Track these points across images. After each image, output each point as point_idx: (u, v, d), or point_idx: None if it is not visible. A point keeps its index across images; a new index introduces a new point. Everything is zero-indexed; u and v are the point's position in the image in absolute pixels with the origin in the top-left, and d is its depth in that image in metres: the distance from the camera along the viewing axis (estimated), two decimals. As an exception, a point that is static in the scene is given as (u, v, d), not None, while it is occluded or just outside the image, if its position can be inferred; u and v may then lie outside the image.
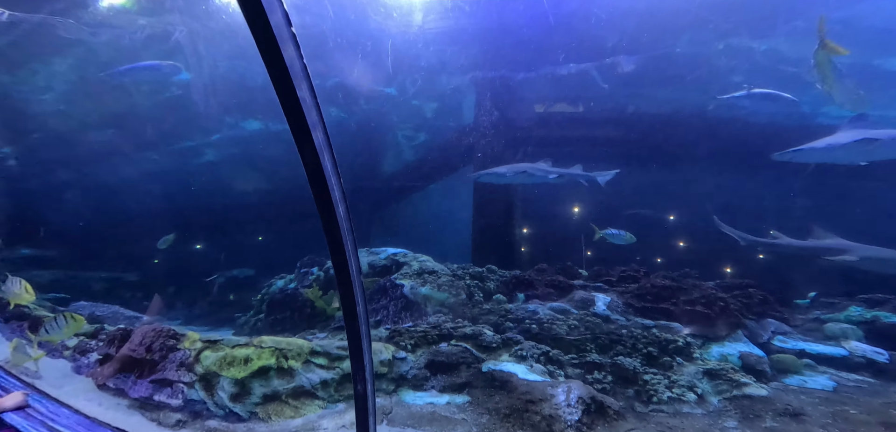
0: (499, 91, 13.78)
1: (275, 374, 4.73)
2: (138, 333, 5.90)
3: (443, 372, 5.56)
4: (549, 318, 6.99)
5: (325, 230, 2.15)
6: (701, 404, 5.38)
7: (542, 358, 5.88)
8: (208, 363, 4.97)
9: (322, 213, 2.10)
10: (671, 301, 7.33)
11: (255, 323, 8.49)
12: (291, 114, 1.88)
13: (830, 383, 6.13)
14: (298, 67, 1.84)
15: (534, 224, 15.13)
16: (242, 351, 4.85)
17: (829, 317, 7.69)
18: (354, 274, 2.30)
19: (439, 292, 7.06)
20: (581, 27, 11.72)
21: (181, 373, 5.16)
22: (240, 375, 4.78)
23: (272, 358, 4.76)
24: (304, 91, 1.90)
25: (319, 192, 2.04)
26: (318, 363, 4.84)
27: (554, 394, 4.78)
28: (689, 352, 6.32)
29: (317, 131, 1.92)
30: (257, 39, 1.77)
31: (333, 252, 2.20)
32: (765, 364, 6.26)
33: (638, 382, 5.73)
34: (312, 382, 4.73)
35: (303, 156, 1.98)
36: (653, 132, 14.27)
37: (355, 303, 2.34)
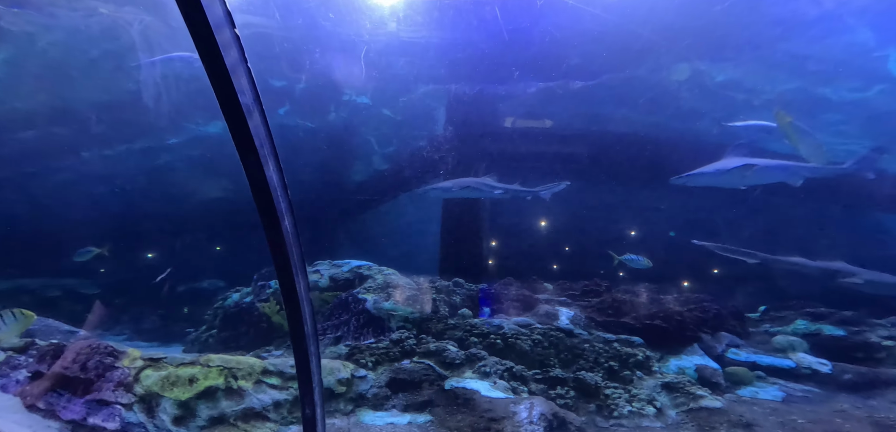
0: (469, 104, 13.90)
1: (223, 395, 4.43)
2: (72, 349, 5.43)
3: (405, 391, 5.39)
4: (513, 333, 6.96)
5: (270, 245, 1.99)
6: (659, 417, 5.46)
7: (506, 374, 5.82)
8: (149, 383, 4.60)
9: (267, 227, 1.94)
10: (631, 315, 7.47)
11: (206, 338, 8.01)
12: (233, 121, 1.74)
13: (780, 393, 6.39)
14: (242, 73, 1.71)
15: (502, 237, 15.23)
16: (187, 370, 4.52)
17: (777, 330, 8.08)
18: (302, 292, 2.15)
19: (403, 307, 6.90)
20: (547, 47, 12.01)
21: (119, 394, 4.76)
22: (184, 396, 4.44)
23: (220, 377, 4.45)
24: (247, 98, 1.77)
25: (264, 205, 1.89)
26: (270, 383, 4.58)
27: (516, 412, 4.72)
28: (649, 366, 6.43)
29: (261, 139, 1.78)
30: (196, 41, 1.63)
31: (279, 269, 2.05)
32: (719, 376, 6.46)
33: (599, 397, 5.76)
34: (264, 403, 4.46)
35: (245, 167, 1.83)
36: (614, 150, 14.74)
37: (303, 323, 2.18)
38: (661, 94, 13.42)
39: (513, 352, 6.58)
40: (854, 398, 6.32)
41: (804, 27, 10.18)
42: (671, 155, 13.13)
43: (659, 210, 15.14)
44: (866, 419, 5.64)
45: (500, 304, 8.16)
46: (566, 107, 14.13)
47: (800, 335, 7.68)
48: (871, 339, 7.32)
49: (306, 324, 2.21)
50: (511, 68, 12.88)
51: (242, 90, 1.68)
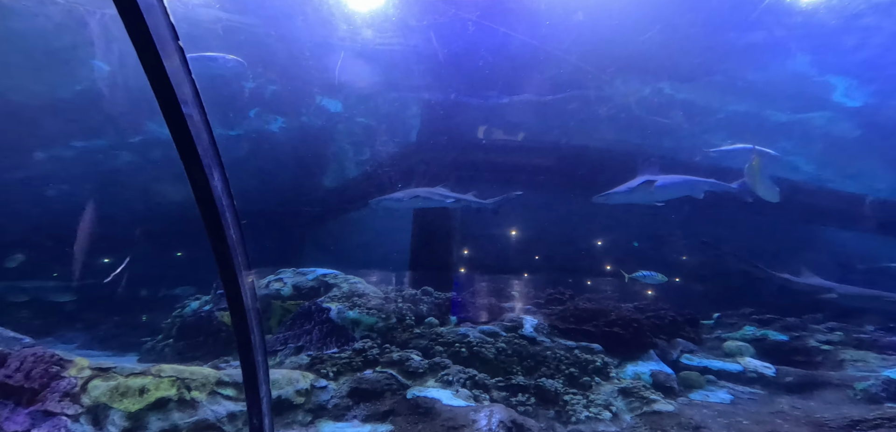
0: (443, 114, 14.03)
1: (175, 406, 4.30)
2: (16, 358, 5.15)
3: (366, 401, 5.38)
4: (478, 341, 7.06)
5: (215, 255, 2.00)
6: (615, 422, 5.66)
7: (469, 382, 5.90)
8: (97, 393, 4.42)
9: (212, 236, 1.96)
10: (592, 322, 7.71)
11: (162, 348, 7.72)
12: (176, 130, 1.75)
13: (728, 396, 6.73)
14: (184, 81, 1.73)
15: (472, 246, 15.39)
16: (138, 380, 4.37)
17: (728, 336, 8.51)
18: (248, 301, 2.16)
19: (368, 316, 6.88)
20: (521, 61, 12.31)
21: (65, 405, 4.55)
22: (134, 408, 4.29)
23: (172, 388, 4.33)
24: (190, 107, 1.79)
25: (208, 215, 1.90)
26: (225, 394, 4.48)
27: (476, 420, 4.79)
28: (607, 372, 6.65)
29: (204, 148, 1.80)
30: (138, 50, 1.64)
31: (225, 279, 2.06)
32: (673, 381, 6.74)
33: (559, 403, 5.92)
34: (218, 415, 4.36)
35: (190, 176, 1.84)
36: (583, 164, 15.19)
37: (250, 332, 2.19)
38: (623, 110, 13.98)
39: (477, 361, 6.67)
40: (794, 399, 6.73)
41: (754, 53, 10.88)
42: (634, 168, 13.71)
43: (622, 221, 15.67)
44: (803, 419, 6.02)
45: (468, 313, 8.25)
46: (535, 120, 14.50)
47: (748, 340, 8.12)
48: (810, 344, 7.83)
49: (253, 334, 2.22)
50: (484, 80, 13.13)
51: (186, 100, 1.70)
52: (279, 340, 7.04)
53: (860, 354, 7.48)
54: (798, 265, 9.54)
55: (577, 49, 11.64)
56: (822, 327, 8.29)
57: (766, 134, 13.25)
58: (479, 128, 14.83)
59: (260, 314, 2.31)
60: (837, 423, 5.72)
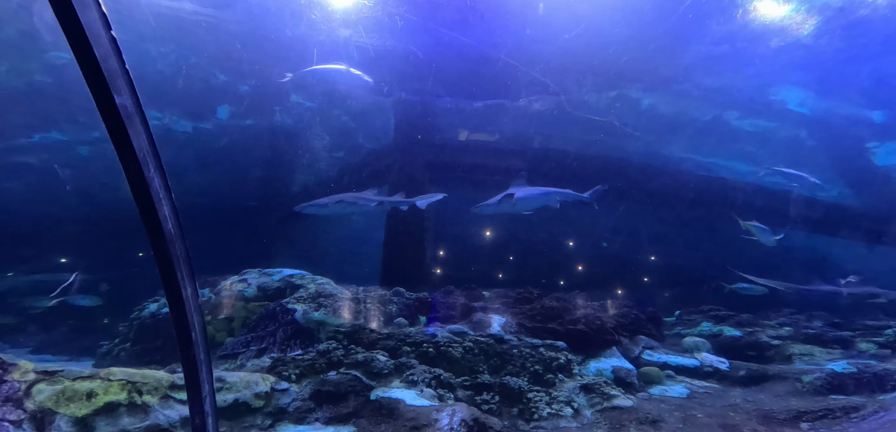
0: (418, 115, 14.03)
1: (125, 411, 4.16)
2: (-51, 367, 4.84)
3: (329, 403, 5.33)
4: (446, 341, 7.09)
5: (152, 249, 1.96)
6: (576, 418, 5.79)
7: (434, 381, 5.92)
8: (42, 398, 4.22)
9: (149, 230, 1.92)
10: (558, 321, 7.87)
11: (119, 352, 7.43)
12: (112, 126, 1.71)
13: (686, 390, 6.99)
14: (116, 70, 1.69)
15: (444, 246, 15.44)
16: (85, 384, 4.19)
17: (687, 332, 8.84)
18: (189, 297, 2.12)
19: (334, 317, 6.82)
20: (498, 64, 12.45)
21: (7, 410, 4.33)
22: (81, 413, 4.12)
23: (122, 392, 4.18)
24: (125, 99, 1.75)
25: (144, 207, 1.86)
26: (179, 398, 4.35)
27: (438, 419, 4.82)
28: (570, 369, 6.80)
29: (139, 138, 1.76)
30: (69, 38, 1.60)
31: (164, 274, 2.02)
32: (633, 376, 6.95)
33: (523, 400, 6.01)
34: (171, 420, 4.23)
35: (125, 169, 1.80)
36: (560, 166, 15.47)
37: (191, 328, 2.15)
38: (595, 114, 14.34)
39: (444, 360, 6.70)
40: (746, 392, 7.05)
41: (714, 62, 11.35)
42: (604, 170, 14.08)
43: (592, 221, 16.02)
44: (754, 411, 6.32)
45: (438, 313, 8.28)
46: (508, 122, 14.69)
47: (705, 336, 8.46)
48: (761, 339, 8.22)
49: (194, 330, 2.18)
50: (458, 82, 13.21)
51: (119, 90, 1.67)
52: (241, 343, 6.89)
53: (807, 348, 7.90)
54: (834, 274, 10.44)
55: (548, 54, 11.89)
56: (773, 322, 8.72)
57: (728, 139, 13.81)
58: (452, 129, 14.93)
59: (201, 309, 2.27)
60: (785, 415, 6.03)
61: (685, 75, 12.14)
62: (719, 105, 13.12)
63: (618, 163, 14.70)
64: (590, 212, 16.52)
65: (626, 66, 12.08)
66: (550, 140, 15.31)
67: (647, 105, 13.41)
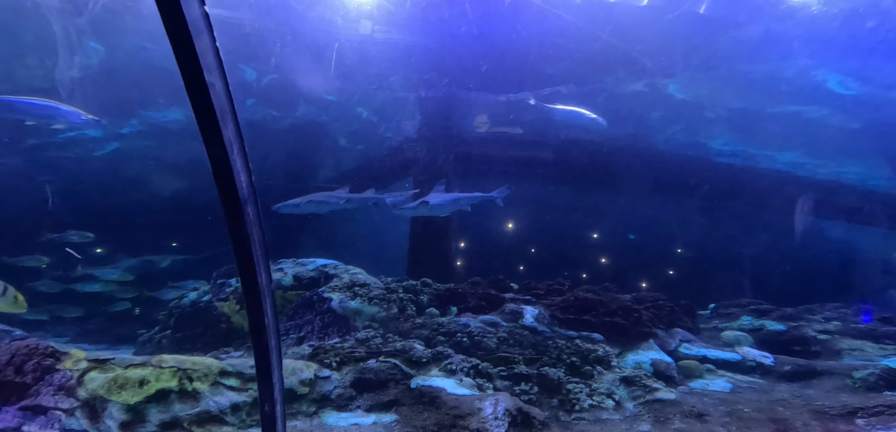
0: (441, 108, 13.91)
1: (176, 398, 4.21)
2: (7, 350, 4.99)
3: (370, 391, 5.32)
4: (480, 331, 7.03)
5: (230, 233, 1.91)
6: (618, 410, 5.66)
7: (472, 371, 5.87)
8: (94, 386, 4.31)
9: (228, 215, 1.87)
10: (592, 313, 7.72)
11: (160, 340, 7.59)
12: (197, 100, 1.65)
13: (728, 385, 6.78)
14: (209, 51, 1.63)
15: (470, 238, 15.36)
16: (137, 371, 4.26)
17: (725, 326, 8.57)
18: (263, 283, 2.08)
19: (370, 306, 6.82)
20: (521, 57, 12.24)
21: (59, 399, 4.42)
22: (133, 400, 4.19)
23: (173, 379, 4.23)
24: (213, 76, 1.69)
25: (226, 191, 1.81)
26: (228, 385, 4.39)
27: (481, 408, 4.76)
28: (608, 361, 6.66)
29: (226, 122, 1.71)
30: (163, 15, 1.54)
31: (240, 259, 1.97)
32: (673, 370, 6.77)
33: (562, 391, 5.91)
34: (221, 406, 4.27)
35: (209, 151, 1.75)
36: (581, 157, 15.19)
37: (264, 315, 2.11)
38: (622, 105, 13.98)
39: (479, 350, 6.65)
40: (793, 387, 6.80)
41: (751, 49, 10.89)
42: (632, 162, 13.77)
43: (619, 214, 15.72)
44: (803, 406, 6.08)
45: (468, 303, 8.21)
46: (532, 114, 14.45)
47: (746, 330, 8.19)
48: (808, 333, 7.91)
49: (267, 317, 2.14)
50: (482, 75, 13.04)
51: (210, 69, 1.61)
52: (280, 330, 6.94)
53: (857, 344, 7.57)
54: None
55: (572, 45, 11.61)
56: (819, 316, 8.39)
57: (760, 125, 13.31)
58: (476, 121, 14.77)
59: (274, 297, 2.23)
60: (838, 411, 5.78)
61: (718, 61, 11.70)
62: (756, 91, 12.62)
63: (645, 155, 14.34)
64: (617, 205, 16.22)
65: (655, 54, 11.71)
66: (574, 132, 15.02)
67: (677, 94, 13.00)
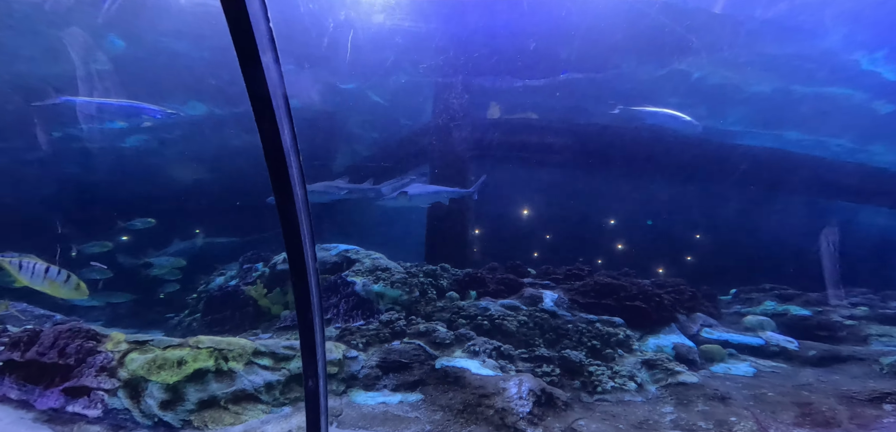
0: (457, 96, 13.86)
1: (213, 377, 4.38)
2: (50, 334, 5.22)
3: (395, 371, 5.45)
4: (500, 315, 7.09)
5: (279, 212, 1.99)
6: (640, 392, 5.69)
7: (494, 353, 5.95)
8: (134, 367, 4.50)
9: (278, 194, 1.94)
10: (613, 297, 7.71)
11: (189, 323, 7.84)
12: (252, 81, 1.69)
13: (751, 369, 6.74)
14: (264, 30, 1.67)
15: (486, 224, 15.38)
16: (176, 352, 4.44)
17: (747, 311, 8.49)
18: (310, 261, 2.15)
19: (392, 290, 6.93)
20: (536, 43, 12.09)
21: (101, 379, 4.62)
22: (172, 380, 4.37)
23: (210, 359, 4.39)
24: (268, 57, 1.73)
25: (276, 170, 1.88)
26: (262, 364, 4.55)
27: (506, 388, 4.84)
28: (629, 345, 6.68)
29: (278, 102, 1.77)
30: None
31: (289, 237, 2.05)
32: (695, 354, 6.76)
33: (583, 374, 5.96)
34: (255, 385, 4.43)
35: (261, 130, 1.80)
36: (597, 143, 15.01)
37: (310, 293, 2.19)
38: (641, 90, 13.74)
39: (499, 333, 6.72)
40: (818, 372, 6.73)
41: (781, 31, 10.55)
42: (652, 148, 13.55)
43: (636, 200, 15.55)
44: (829, 391, 6.03)
45: (487, 288, 8.27)
46: (550, 101, 14.30)
47: (769, 315, 8.10)
48: (833, 319, 7.79)
49: (312, 295, 2.22)
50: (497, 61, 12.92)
51: (265, 50, 1.66)
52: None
53: (886, 329, 7.44)
54: None
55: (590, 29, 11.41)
56: (846, 302, 8.25)
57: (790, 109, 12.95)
58: (491, 108, 14.69)
59: (318, 276, 2.31)
60: (865, 396, 5.72)
61: (743, 43, 11.38)
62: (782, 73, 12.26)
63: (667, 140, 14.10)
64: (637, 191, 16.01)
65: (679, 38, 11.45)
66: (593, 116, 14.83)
67: (699, 78, 12.70)
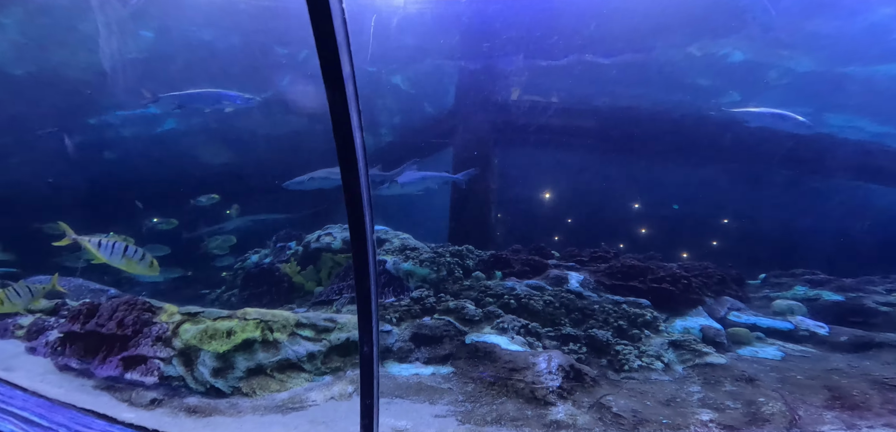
0: (480, 78, 13.83)
1: (259, 347, 4.66)
2: (108, 307, 5.61)
3: (427, 345, 5.66)
4: (526, 294, 7.23)
5: (344, 184, 2.16)
6: (667, 372, 5.78)
7: (522, 330, 6.10)
8: (188, 336, 4.82)
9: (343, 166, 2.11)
10: (639, 279, 7.75)
11: (228, 298, 8.24)
12: (325, 57, 1.82)
13: (779, 353, 6.72)
14: (341, 28, 1.81)
15: (508, 207, 15.45)
16: (225, 323, 4.73)
17: (777, 295, 8.39)
18: (369, 231, 2.32)
19: (421, 268, 7.14)
20: (562, 23, 11.93)
21: (157, 349, 4.96)
22: (222, 349, 4.67)
23: (257, 330, 4.68)
24: (340, 37, 1.86)
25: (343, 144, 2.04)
26: (304, 335, 4.81)
27: (535, 362, 5.00)
28: (656, 326, 6.74)
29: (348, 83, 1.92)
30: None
31: (351, 207, 2.22)
32: (722, 336, 6.77)
33: (610, 352, 6.07)
34: (298, 355, 4.70)
35: (331, 103, 1.94)
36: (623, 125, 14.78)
37: (368, 261, 2.37)
38: (675, 72, 13.42)
39: (526, 312, 6.87)
40: (849, 358, 6.66)
41: (823, 7, 10.12)
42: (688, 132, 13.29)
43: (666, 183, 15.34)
44: (861, 376, 5.98)
45: (512, 268, 8.41)
46: (578, 83, 14.12)
47: (799, 300, 8.00)
48: (868, 304, 7.65)
49: (370, 265, 2.39)
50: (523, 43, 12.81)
51: (339, 29, 1.80)
52: (334, 290, 7.40)
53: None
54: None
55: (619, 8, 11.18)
56: (881, 288, 8.07)
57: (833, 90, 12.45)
58: (515, 91, 14.59)
59: (375, 247, 2.48)
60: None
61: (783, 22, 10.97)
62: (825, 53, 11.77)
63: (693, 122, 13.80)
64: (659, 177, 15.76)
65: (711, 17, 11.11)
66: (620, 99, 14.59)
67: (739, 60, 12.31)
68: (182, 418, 4.29)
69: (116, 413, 4.24)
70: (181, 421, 4.23)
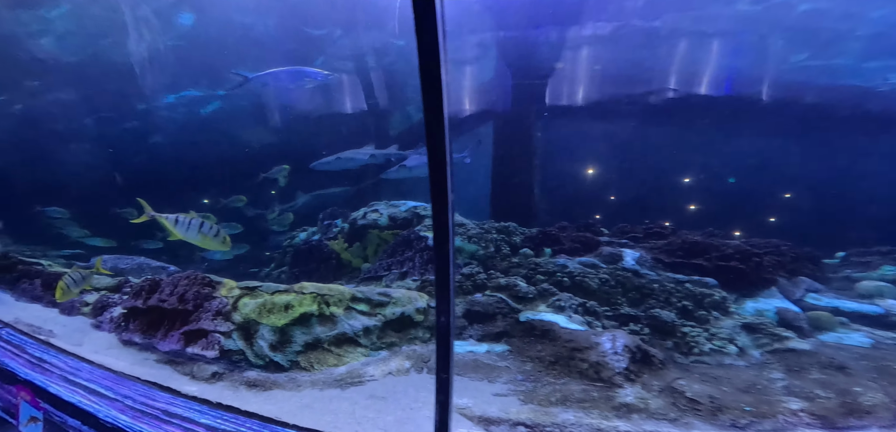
0: (517, 50, 13.25)
1: (316, 321, 4.63)
2: (169, 282, 5.74)
3: (479, 322, 5.49)
4: (579, 272, 6.89)
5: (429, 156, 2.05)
6: (742, 356, 5.34)
7: (580, 308, 5.81)
8: (247, 311, 4.85)
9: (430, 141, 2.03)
10: (703, 256, 7.21)
11: (278, 274, 8.39)
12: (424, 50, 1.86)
13: (867, 340, 6.08)
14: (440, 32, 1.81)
15: (551, 182, 14.92)
16: (283, 297, 4.72)
17: (861, 276, 7.63)
18: (450, 198, 2.13)
19: (469, 244, 6.94)
20: None
21: (217, 323, 5.02)
22: (280, 323, 4.67)
23: (314, 304, 4.64)
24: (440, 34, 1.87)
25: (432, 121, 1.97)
26: (359, 310, 4.74)
27: (599, 343, 4.71)
28: (725, 307, 6.25)
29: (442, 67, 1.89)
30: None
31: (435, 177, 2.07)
32: (802, 320, 6.19)
33: (676, 334, 5.67)
34: (355, 329, 4.63)
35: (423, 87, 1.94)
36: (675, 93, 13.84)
37: (448, 230, 2.18)
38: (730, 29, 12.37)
39: (581, 290, 6.55)
40: (953, 345, 5.94)
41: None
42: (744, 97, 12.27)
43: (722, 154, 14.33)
44: (970, 365, 5.30)
45: (562, 245, 8.05)
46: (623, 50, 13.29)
47: (888, 281, 7.22)
48: (973, 285, 6.80)
49: (450, 232, 2.20)
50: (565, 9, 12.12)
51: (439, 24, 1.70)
52: (382, 266, 7.34)
53: None
54: None
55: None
56: None
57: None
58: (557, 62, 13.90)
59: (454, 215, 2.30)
60: None
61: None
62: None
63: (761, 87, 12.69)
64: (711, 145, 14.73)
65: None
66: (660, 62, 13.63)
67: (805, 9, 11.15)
68: (243, 391, 4.33)
69: (179, 386, 4.33)
70: (242, 395, 4.27)
